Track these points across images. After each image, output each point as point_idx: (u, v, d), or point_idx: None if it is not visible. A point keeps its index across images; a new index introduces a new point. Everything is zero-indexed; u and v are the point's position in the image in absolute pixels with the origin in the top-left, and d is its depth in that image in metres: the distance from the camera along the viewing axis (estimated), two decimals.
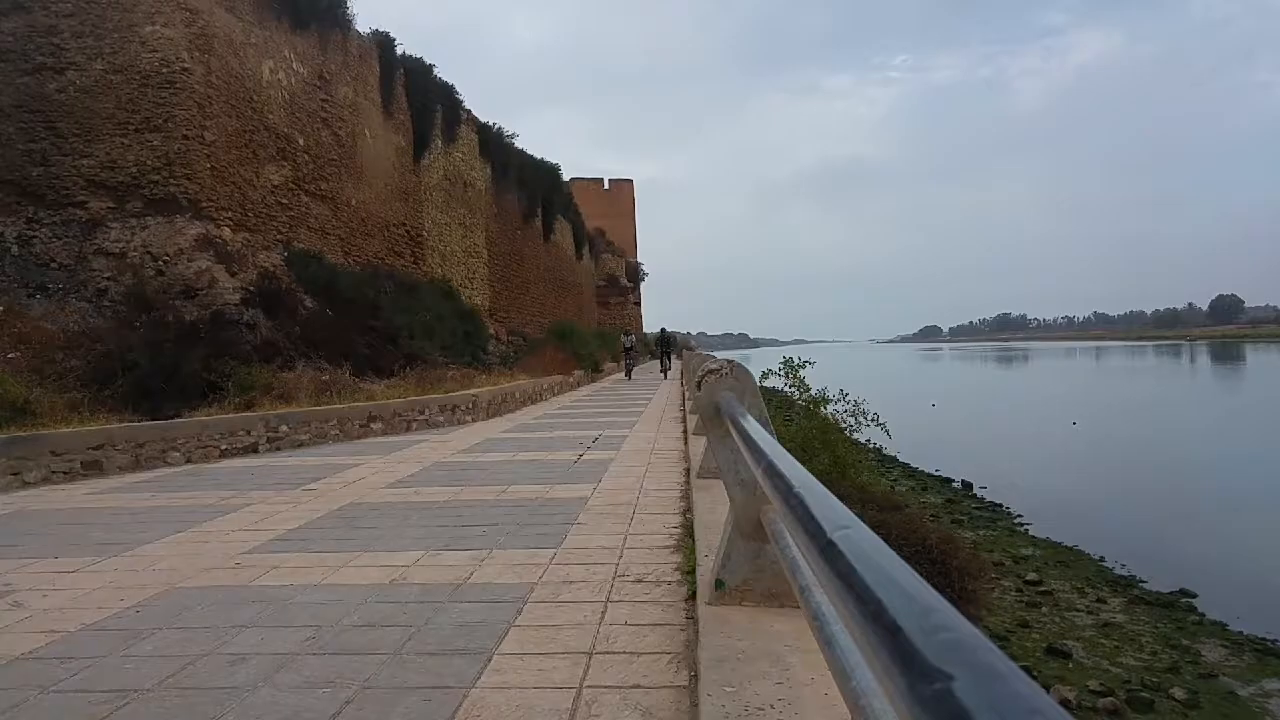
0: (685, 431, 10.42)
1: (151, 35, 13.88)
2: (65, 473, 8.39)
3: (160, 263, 13.66)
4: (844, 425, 15.38)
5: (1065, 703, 7.87)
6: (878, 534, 1.15)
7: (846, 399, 15.72)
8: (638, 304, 67.57)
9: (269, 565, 4.67)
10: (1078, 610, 11.19)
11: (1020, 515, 17.66)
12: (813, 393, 16.33)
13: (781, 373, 17.08)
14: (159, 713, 2.72)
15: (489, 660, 3.10)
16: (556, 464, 8.53)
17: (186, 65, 14.05)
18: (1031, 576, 12.59)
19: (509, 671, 3.00)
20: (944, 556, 8.24)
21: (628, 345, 32.32)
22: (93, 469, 8.61)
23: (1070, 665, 9.20)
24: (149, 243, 13.75)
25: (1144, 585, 12.45)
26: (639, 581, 4.07)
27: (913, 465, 23.91)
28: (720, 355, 6.77)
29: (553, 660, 3.09)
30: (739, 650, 2.75)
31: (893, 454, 22.59)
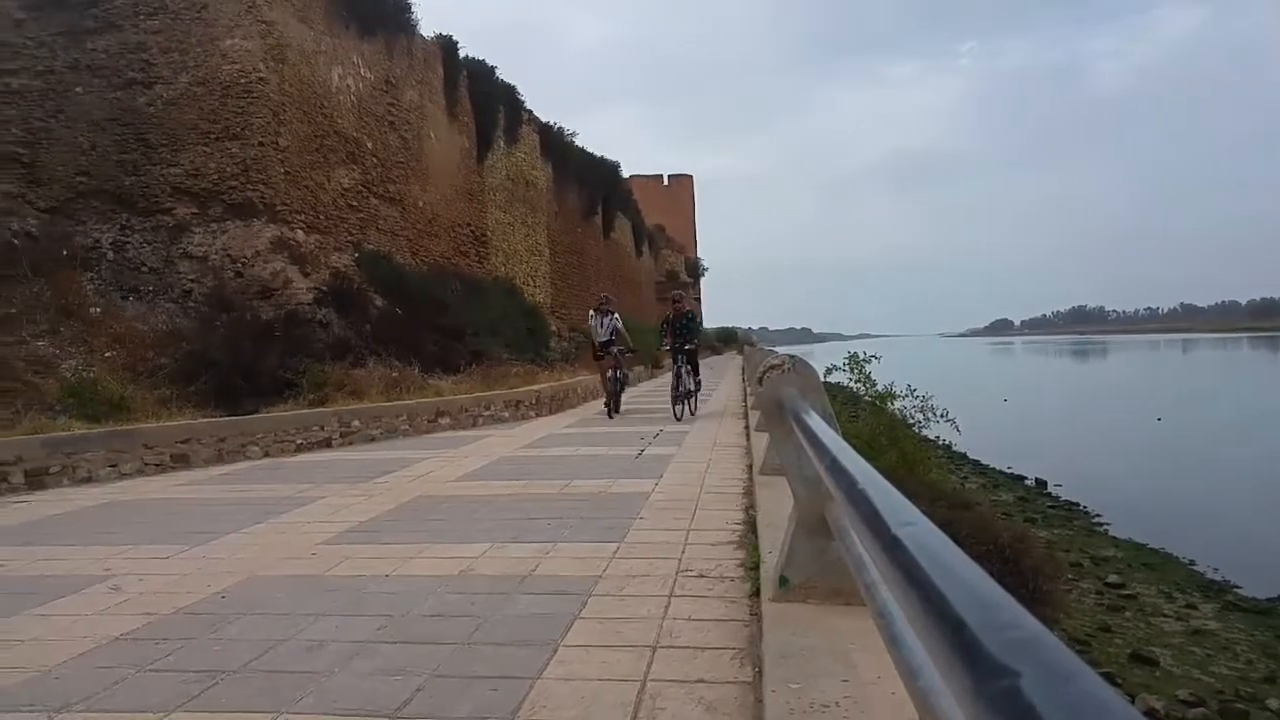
0: (748, 427, 10.38)
1: (231, 48, 14.36)
2: (156, 464, 8.77)
3: (239, 265, 14.14)
4: (912, 421, 15.14)
5: (1153, 713, 7.56)
6: (946, 532, 1.15)
7: (914, 395, 15.46)
8: (698, 299, 67.40)
9: (343, 555, 4.82)
10: (1165, 616, 10.79)
11: (1099, 515, 17.13)
12: (879, 388, 16.09)
13: (846, 368, 16.88)
14: (245, 693, 2.85)
15: (555, 651, 3.16)
16: (618, 459, 8.59)
17: (262, 75, 14.49)
18: (1113, 579, 12.20)
19: (574, 663, 3.05)
20: (1016, 555, 8.07)
21: (603, 339, 14.09)
22: (180, 461, 8.99)
23: (1157, 673, 8.87)
24: (228, 246, 14.24)
25: (1239, 591, 11.95)
26: (702, 577, 4.09)
27: (983, 463, 23.38)
28: (782, 350, 6.74)
29: (617, 653, 3.14)
30: (803, 647, 2.75)
31: (962, 451, 22.12)
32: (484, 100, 24.05)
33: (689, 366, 13.01)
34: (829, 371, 16.89)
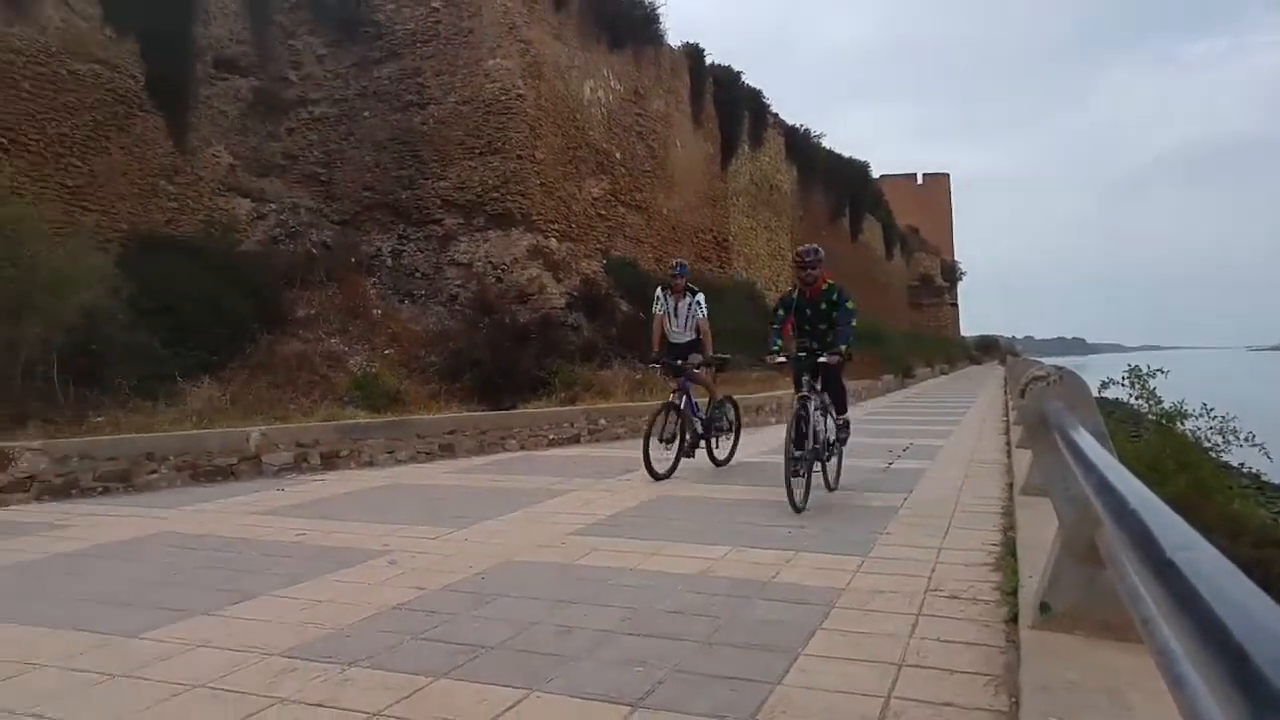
0: (1008, 443, 9.73)
1: (493, 67, 15.53)
2: (426, 453, 9.67)
3: (499, 271, 15.27)
4: (1207, 445, 13.47)
5: None
6: (1253, 573, 1.02)
7: (1210, 415, 13.73)
8: (954, 305, 63.92)
9: (590, 547, 5.05)
10: None
11: None
12: (1165, 406, 14.46)
13: (1126, 382, 15.31)
14: (501, 669, 3.05)
15: (795, 659, 3.12)
16: (864, 470, 8.34)
17: (521, 92, 15.55)
18: None
19: (815, 673, 3.00)
20: None
21: (681, 337, 8.31)
22: (447, 451, 9.85)
23: None
24: (490, 254, 15.42)
25: None
26: (953, 598, 3.87)
27: None
28: (1048, 362, 6.24)
29: (859, 667, 3.04)
30: (1067, 680, 2.53)
31: (1277, 482, 19.32)
32: (729, 105, 24.30)
33: (820, 393, 6.52)
34: (1104, 386, 15.42)
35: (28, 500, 6.66)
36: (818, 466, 6.29)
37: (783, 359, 6.61)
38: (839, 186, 34.51)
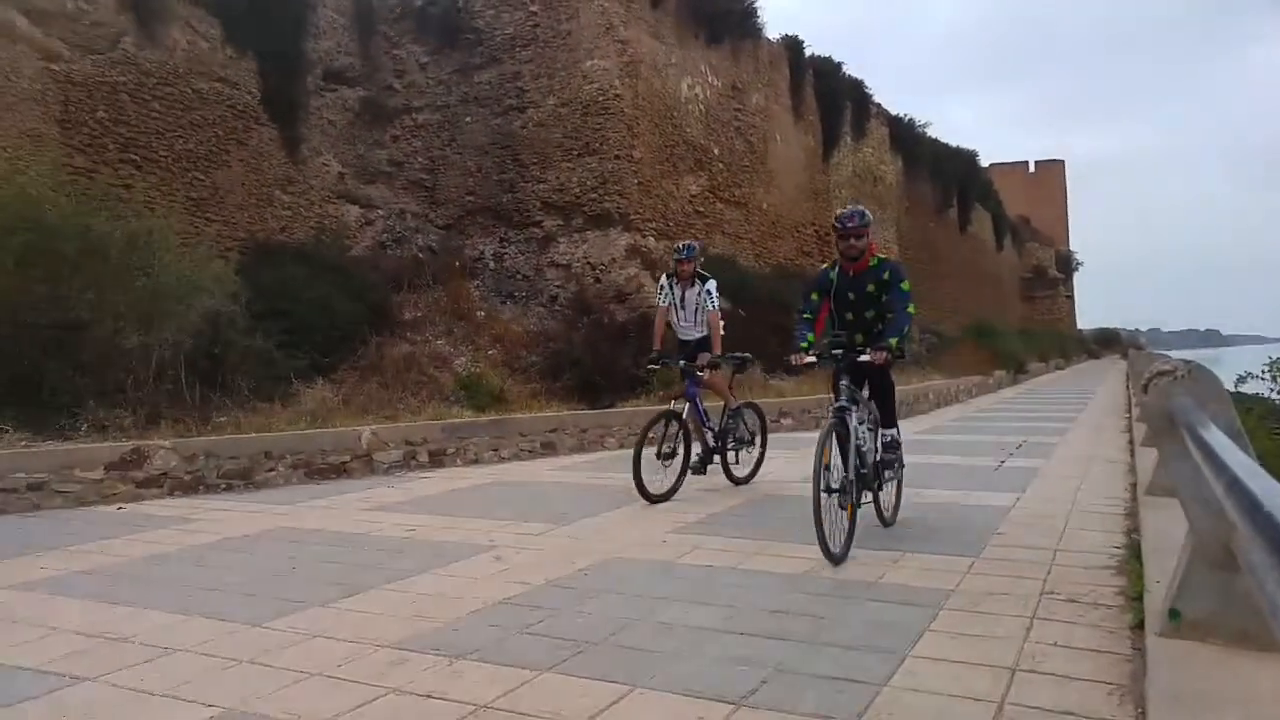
0: (1131, 441, 9.26)
1: (591, 69, 15.67)
2: (529, 450, 9.85)
3: (597, 271, 15.41)
4: None
5: None
6: None
7: None
8: (1069, 297, 61.04)
9: (691, 545, 5.04)
10: None
11: None
12: None
13: (1267, 375, 14.35)
14: (604, 665, 3.08)
15: (901, 661, 3.04)
16: (973, 469, 8.07)
17: (618, 92, 15.64)
18: None
19: (923, 675, 2.91)
20: None
21: (690, 333, 7.40)
22: (548, 449, 10.01)
23: None
24: (588, 254, 15.58)
25: None
26: (1072, 601, 3.70)
27: None
28: (1176, 356, 5.90)
29: (971, 670, 2.94)
30: (1200, 692, 2.38)
31: None
32: (830, 97, 23.89)
33: (866, 402, 5.27)
34: (1241, 380, 14.48)
35: (161, 495, 7.08)
36: (865, 497, 4.97)
37: (813, 358, 5.19)
38: (946, 177, 33.46)
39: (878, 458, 5.17)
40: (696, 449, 6.97)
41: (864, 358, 4.96)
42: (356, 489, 7.55)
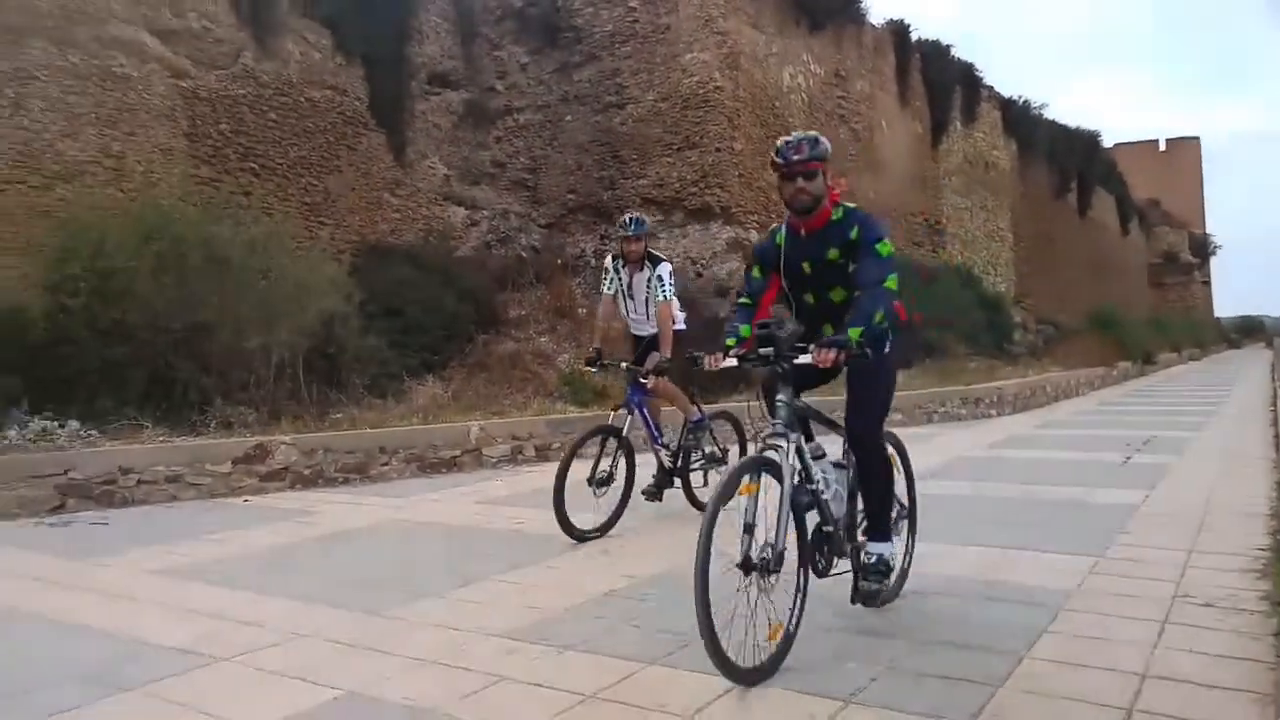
0: (1278, 436, 8.67)
1: (690, 62, 15.62)
2: None
3: (699, 266, 15.37)
4: None
5: None
6: None
7: None
8: (1206, 283, 57.31)
9: None
10: None
11: None
12: None
13: None
14: (708, 659, 3.04)
15: (1019, 662, 2.92)
16: (1097, 465, 7.68)
17: (719, 84, 15.53)
18: None
19: (1042, 678, 2.79)
20: None
21: (641, 328, 6.58)
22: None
23: None
24: (689, 249, 15.55)
25: None
26: (1208, 605, 3.48)
27: None
28: None
29: (1094, 675, 2.80)
30: None
31: None
32: (938, 82, 23.16)
33: (804, 426, 3.59)
34: None
35: (283, 489, 7.43)
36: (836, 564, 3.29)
37: (732, 360, 3.44)
38: (1064, 160, 31.91)
39: (840, 513, 3.29)
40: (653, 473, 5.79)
41: (804, 359, 3.28)
42: (467, 483, 7.76)
